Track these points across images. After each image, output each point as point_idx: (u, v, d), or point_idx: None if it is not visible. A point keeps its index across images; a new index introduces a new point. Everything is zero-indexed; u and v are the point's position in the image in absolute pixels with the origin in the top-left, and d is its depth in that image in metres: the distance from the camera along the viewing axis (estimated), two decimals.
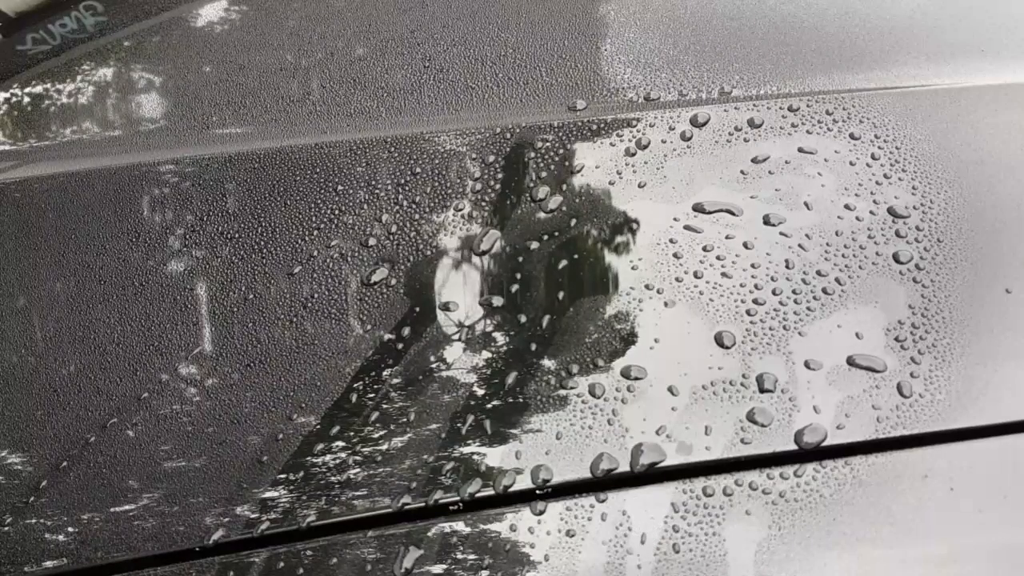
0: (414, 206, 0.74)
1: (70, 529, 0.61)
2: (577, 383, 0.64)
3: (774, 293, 0.67)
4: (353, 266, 0.72)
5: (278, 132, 0.81)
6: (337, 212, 0.74)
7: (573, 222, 0.72)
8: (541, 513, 0.60)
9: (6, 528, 0.62)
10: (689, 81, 0.80)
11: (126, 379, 0.68)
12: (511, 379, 0.65)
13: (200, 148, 0.80)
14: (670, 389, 0.64)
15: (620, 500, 0.60)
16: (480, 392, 0.65)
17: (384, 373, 0.66)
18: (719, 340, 0.65)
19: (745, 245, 0.70)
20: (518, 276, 0.70)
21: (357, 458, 0.63)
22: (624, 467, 0.61)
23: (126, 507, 0.62)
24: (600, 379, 0.65)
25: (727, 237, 0.70)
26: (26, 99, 0.89)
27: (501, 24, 0.87)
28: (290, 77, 0.85)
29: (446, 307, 0.69)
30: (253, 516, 0.61)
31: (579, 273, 0.70)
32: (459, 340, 0.68)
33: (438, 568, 0.58)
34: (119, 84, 0.89)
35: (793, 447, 0.61)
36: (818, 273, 0.68)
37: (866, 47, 0.83)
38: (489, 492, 0.60)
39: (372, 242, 0.73)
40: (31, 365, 0.69)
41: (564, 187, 0.74)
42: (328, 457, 0.63)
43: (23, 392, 0.68)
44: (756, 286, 0.68)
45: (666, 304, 0.67)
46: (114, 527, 0.61)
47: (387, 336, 0.68)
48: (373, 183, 0.75)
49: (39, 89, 0.90)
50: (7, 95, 0.90)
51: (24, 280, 0.74)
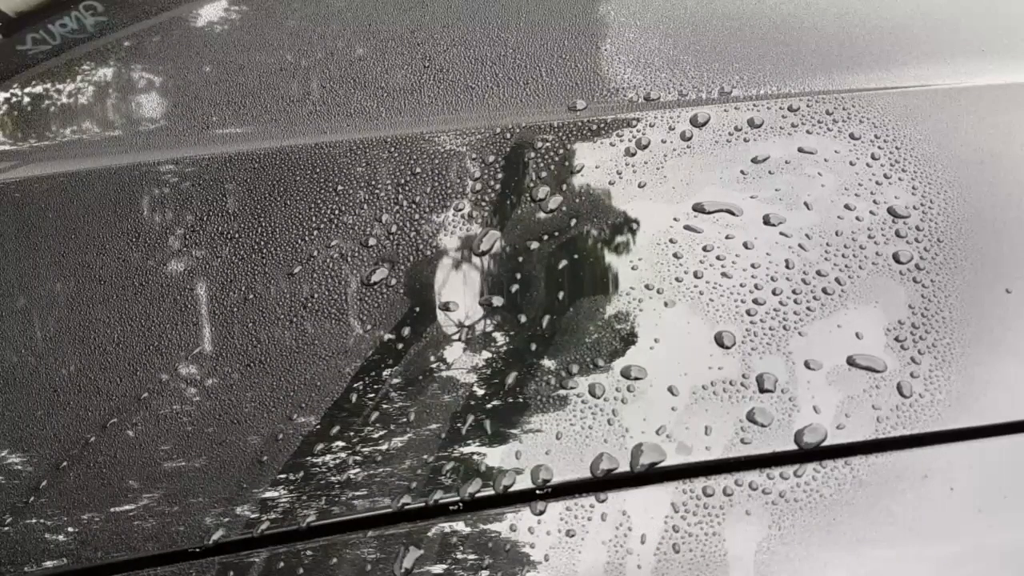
0: (414, 206, 0.74)
1: (70, 529, 0.61)
2: (577, 383, 0.64)
3: (774, 293, 0.67)
4: (353, 266, 0.72)
5: (278, 132, 0.81)
6: (337, 212, 0.74)
7: (573, 222, 0.72)
8: (541, 513, 0.60)
9: (6, 528, 0.62)
10: (689, 81, 0.80)
11: (126, 379, 0.68)
12: (511, 379, 0.65)
13: (200, 148, 0.80)
14: (670, 389, 0.64)
15: (620, 500, 0.60)
16: (480, 392, 0.65)
17: (384, 373, 0.66)
18: (719, 340, 0.65)
19: (745, 245, 0.70)
20: (518, 276, 0.70)
21: (357, 458, 0.63)
22: (624, 467, 0.61)
23: (126, 507, 0.62)
24: (600, 379, 0.65)
25: (727, 237, 0.70)
26: (26, 99, 0.89)
27: (501, 24, 0.87)
28: (290, 77, 0.85)
29: (446, 307, 0.69)
30: (253, 516, 0.61)
31: (579, 273, 0.70)
32: (459, 340, 0.68)
33: (438, 568, 0.58)
34: (119, 84, 0.89)
35: (793, 447, 0.61)
36: (818, 273, 0.68)
37: (866, 47, 0.83)
38: (489, 492, 0.60)
39: (372, 242, 0.73)
40: (31, 365, 0.69)
41: (564, 187, 0.74)
42: (328, 457, 0.63)
43: (23, 392, 0.68)
44: (756, 286, 0.67)
45: (666, 304, 0.67)
46: (114, 527, 0.61)
47: (387, 336, 0.68)
48: (373, 183, 0.75)
49: (39, 89, 0.90)
50: (7, 95, 0.90)
51: (24, 280, 0.74)
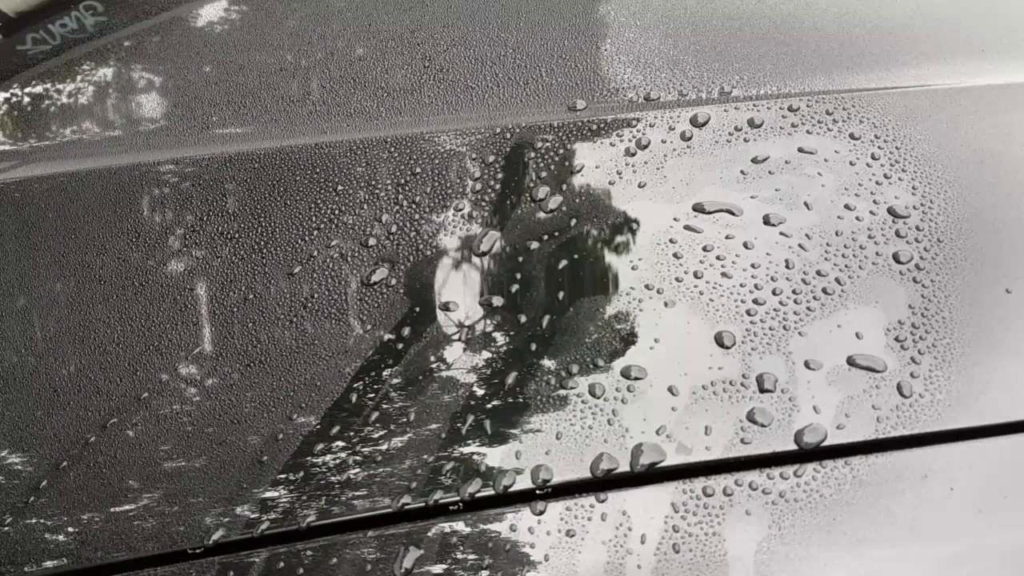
0: (414, 206, 0.74)
1: (70, 529, 0.61)
2: (577, 383, 0.64)
3: (774, 293, 0.67)
4: (353, 266, 0.72)
5: (278, 132, 0.81)
6: (337, 212, 0.74)
7: (573, 222, 0.72)
8: (541, 513, 0.60)
9: (6, 528, 0.62)
10: (689, 81, 0.80)
11: (126, 379, 0.68)
12: (511, 379, 0.65)
13: (200, 148, 0.80)
14: (670, 389, 0.64)
15: (620, 500, 0.60)
16: (480, 392, 0.65)
17: (384, 373, 0.66)
18: (719, 340, 0.65)
19: (745, 245, 0.69)
20: (518, 276, 0.70)
21: (357, 458, 0.62)
22: (624, 467, 0.61)
23: (126, 507, 0.62)
24: (600, 379, 0.65)
25: (727, 237, 0.70)
26: (26, 99, 0.89)
27: (501, 24, 0.87)
28: (290, 77, 0.85)
29: (446, 307, 0.69)
30: (253, 516, 0.61)
31: (579, 273, 0.70)
32: (459, 340, 0.68)
33: (438, 568, 0.58)
34: (119, 84, 0.89)
35: (793, 447, 0.61)
36: (818, 273, 0.68)
37: (866, 47, 0.83)
38: (489, 492, 0.60)
39: (372, 242, 0.73)
40: (31, 365, 0.69)
41: (564, 187, 0.74)
42: (328, 457, 0.63)
43: (23, 392, 0.68)
44: (756, 286, 0.67)
45: (666, 304, 0.67)
46: (114, 527, 0.61)
47: (387, 336, 0.68)
48: (373, 183, 0.75)
49: (39, 89, 0.90)
50: (7, 95, 0.90)
51: (24, 280, 0.74)
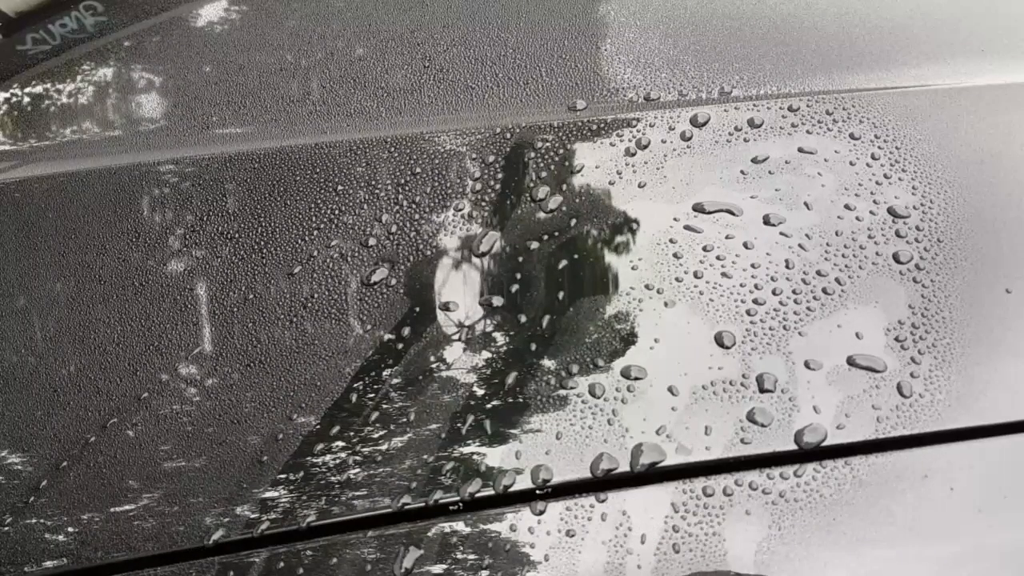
0: (414, 206, 0.74)
1: (70, 529, 0.61)
2: (577, 383, 0.64)
3: (774, 293, 0.67)
4: (353, 266, 0.72)
5: (278, 132, 0.81)
6: (337, 212, 0.74)
7: (573, 222, 0.72)
8: (541, 513, 0.60)
9: (6, 528, 0.62)
10: (689, 81, 0.80)
11: (126, 379, 0.68)
12: (511, 379, 0.65)
13: (200, 148, 0.80)
14: (670, 389, 0.64)
15: (620, 500, 0.60)
16: (480, 392, 0.65)
17: (384, 373, 0.66)
18: (719, 340, 0.65)
19: (745, 245, 0.69)
20: (518, 276, 0.70)
21: (357, 458, 0.62)
22: (624, 467, 0.61)
23: (126, 507, 0.62)
24: (600, 379, 0.65)
25: (727, 237, 0.70)
26: (26, 99, 0.89)
27: (501, 24, 0.87)
28: (290, 77, 0.85)
29: (446, 307, 0.69)
30: (253, 516, 0.61)
31: (579, 273, 0.70)
32: (459, 340, 0.68)
33: (438, 568, 0.58)
34: (119, 84, 0.89)
35: (793, 447, 0.61)
36: (818, 273, 0.68)
37: (866, 47, 0.83)
38: (489, 492, 0.60)
39: (372, 242, 0.73)
40: (31, 365, 0.69)
41: (564, 187, 0.74)
42: (328, 457, 0.63)
43: (23, 392, 0.68)
44: (756, 286, 0.67)
45: (666, 304, 0.67)
46: (114, 527, 0.61)
47: (387, 336, 0.68)
48: (373, 183, 0.75)
49: (39, 89, 0.90)
50: (7, 95, 0.90)
51: (24, 280, 0.74)
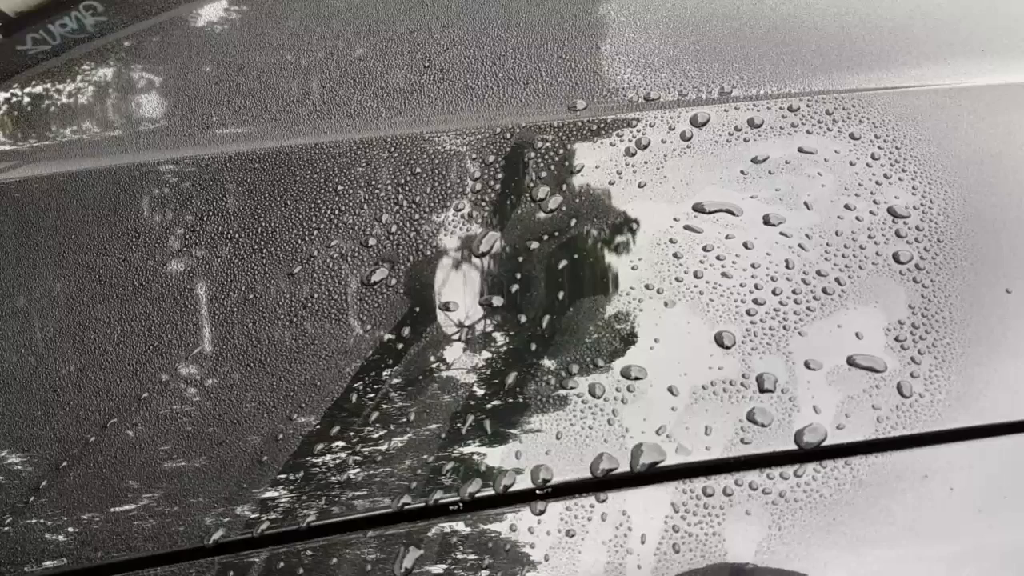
0: (414, 206, 0.74)
1: (70, 529, 0.61)
2: (577, 383, 0.64)
3: (774, 293, 0.67)
4: (353, 266, 0.72)
5: (278, 132, 0.81)
6: (337, 212, 0.74)
7: (573, 222, 0.72)
8: (541, 513, 0.60)
9: (6, 528, 0.62)
10: (689, 81, 0.80)
11: (126, 379, 0.68)
12: (511, 379, 0.65)
13: (200, 148, 0.80)
14: (670, 389, 0.64)
15: (620, 500, 0.60)
16: (480, 392, 0.65)
17: (384, 373, 0.66)
18: (719, 340, 0.65)
19: (745, 245, 0.69)
20: (518, 276, 0.70)
21: (357, 458, 0.62)
22: (624, 467, 0.61)
23: (126, 507, 0.62)
24: (600, 379, 0.65)
25: (727, 237, 0.70)
26: (26, 99, 0.89)
27: (501, 24, 0.87)
28: (290, 77, 0.85)
29: (446, 307, 0.69)
30: (253, 516, 0.61)
31: (579, 273, 0.70)
32: (459, 340, 0.68)
33: (438, 568, 0.58)
34: (119, 84, 0.89)
35: (793, 447, 0.61)
36: (818, 273, 0.68)
37: (866, 47, 0.83)
38: (489, 492, 0.60)
39: (372, 242, 0.73)
40: (31, 365, 0.69)
41: (564, 187, 0.74)
42: (328, 457, 0.63)
43: (23, 392, 0.68)
44: (756, 286, 0.67)
45: (666, 304, 0.67)
46: (114, 527, 0.61)
47: (387, 336, 0.68)
48: (373, 183, 0.75)
49: (39, 89, 0.90)
50: (7, 95, 0.90)
51: (24, 280, 0.74)
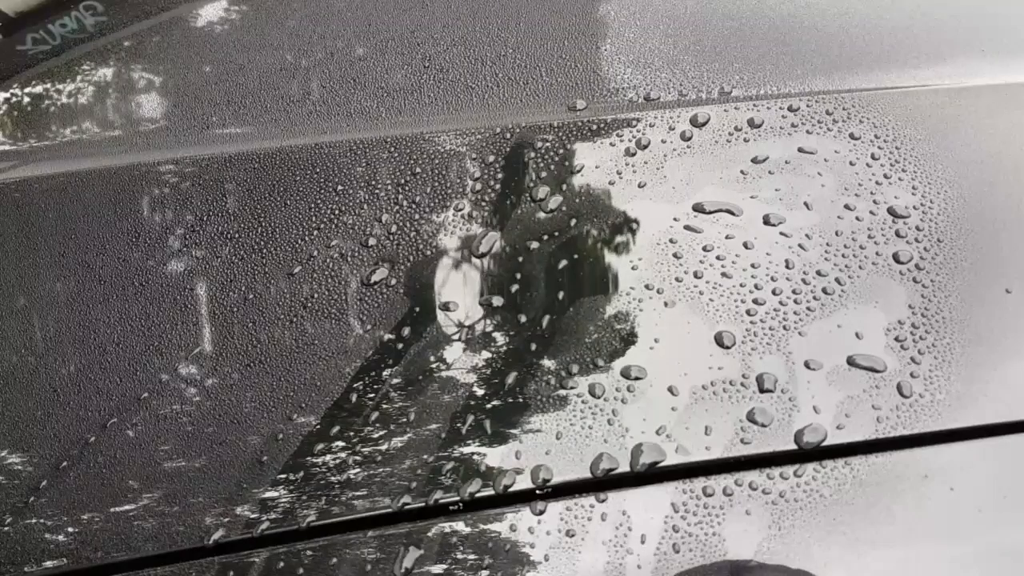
0: (414, 206, 0.74)
1: (70, 529, 0.61)
2: (577, 383, 0.64)
3: (774, 293, 0.67)
4: (353, 266, 0.72)
5: (278, 132, 0.81)
6: (337, 212, 0.74)
7: (573, 222, 0.72)
8: (541, 513, 0.60)
9: (6, 528, 0.62)
10: (689, 81, 0.80)
11: (126, 379, 0.68)
12: (511, 379, 0.65)
13: (200, 148, 0.80)
14: (670, 389, 0.64)
15: (620, 500, 0.60)
16: (480, 392, 0.65)
17: (384, 373, 0.66)
18: (719, 340, 0.65)
19: (745, 245, 0.69)
20: (518, 276, 0.70)
21: (357, 458, 0.62)
22: (624, 467, 0.61)
23: (126, 507, 0.62)
24: (600, 379, 0.65)
25: (727, 237, 0.70)
26: (26, 99, 0.89)
27: (501, 24, 0.87)
28: (290, 77, 0.85)
29: (446, 307, 0.69)
30: (253, 516, 0.61)
31: (579, 273, 0.70)
32: (459, 340, 0.68)
33: (438, 568, 0.58)
34: (119, 84, 0.89)
35: (793, 447, 0.61)
36: (818, 273, 0.68)
37: (866, 47, 0.83)
38: (489, 492, 0.60)
39: (372, 242, 0.73)
40: (31, 365, 0.69)
41: (564, 187, 0.74)
42: (328, 457, 0.63)
43: (23, 392, 0.68)
44: (756, 286, 0.67)
45: (666, 304, 0.67)
46: (114, 527, 0.61)
47: (387, 336, 0.68)
48: (373, 183, 0.75)
49: (39, 89, 0.90)
50: (7, 95, 0.90)
51: (24, 280, 0.74)
